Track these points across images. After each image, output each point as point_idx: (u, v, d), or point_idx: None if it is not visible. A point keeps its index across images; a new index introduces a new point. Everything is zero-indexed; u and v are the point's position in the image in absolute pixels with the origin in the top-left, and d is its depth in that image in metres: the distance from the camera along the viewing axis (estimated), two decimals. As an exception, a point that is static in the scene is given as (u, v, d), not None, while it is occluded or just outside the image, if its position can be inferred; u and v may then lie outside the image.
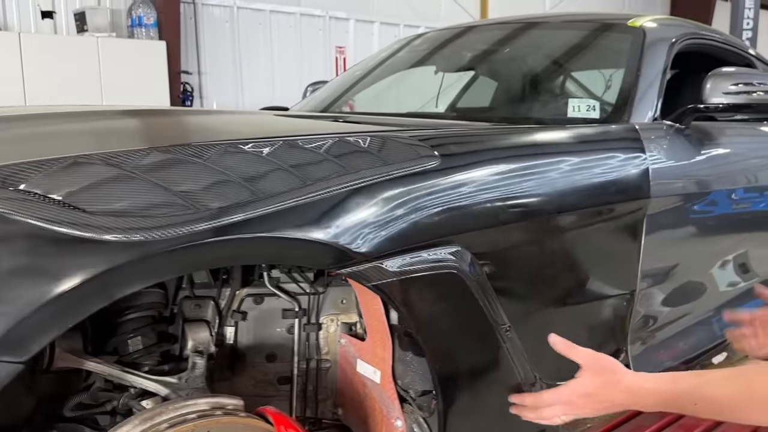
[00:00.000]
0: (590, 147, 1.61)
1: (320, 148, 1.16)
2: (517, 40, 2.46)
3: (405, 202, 1.17)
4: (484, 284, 1.31)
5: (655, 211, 1.68)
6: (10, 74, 4.56)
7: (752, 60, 2.72)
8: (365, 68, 2.90)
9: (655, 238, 1.70)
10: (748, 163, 2.07)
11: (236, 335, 1.51)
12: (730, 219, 1.98)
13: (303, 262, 1.15)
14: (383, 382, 1.44)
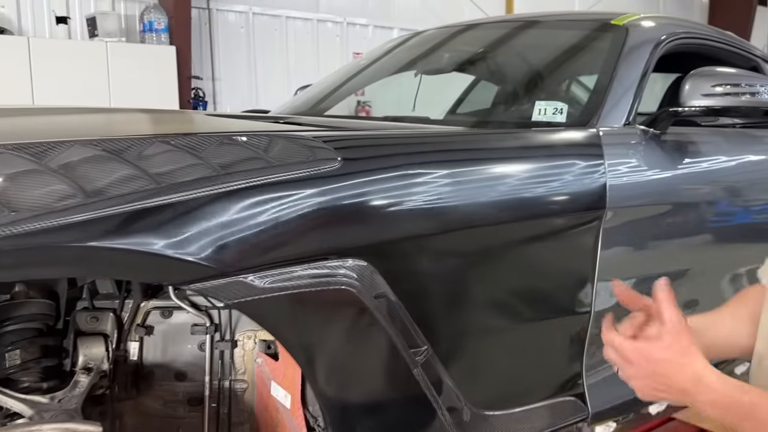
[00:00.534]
0: (533, 153, 1.45)
1: (192, 147, 1.05)
2: (494, 41, 2.31)
3: (287, 209, 1.05)
4: (391, 303, 1.17)
5: (613, 224, 1.51)
6: (19, 79, 4.61)
7: (759, 62, 2.50)
8: (353, 69, 2.81)
9: (613, 252, 1.53)
10: (726, 173, 1.87)
11: (141, 351, 1.41)
12: (700, 233, 1.78)
13: (134, 277, 1.03)
14: (293, 408, 1.31)
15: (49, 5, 5.30)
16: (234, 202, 0.99)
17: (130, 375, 1.40)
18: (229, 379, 1.44)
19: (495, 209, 1.30)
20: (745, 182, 1.92)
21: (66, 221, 0.83)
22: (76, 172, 0.92)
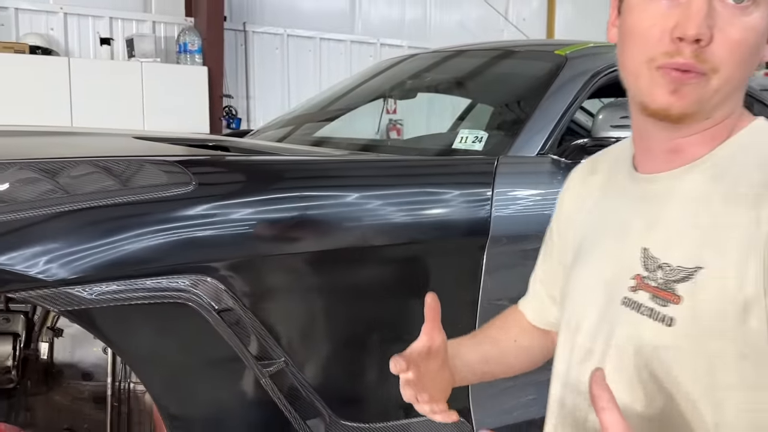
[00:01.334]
0: (411, 180, 1.52)
1: (58, 172, 1.19)
2: (445, 68, 2.39)
3: (129, 227, 1.17)
4: (239, 318, 1.27)
5: (496, 250, 1.56)
6: (60, 97, 4.99)
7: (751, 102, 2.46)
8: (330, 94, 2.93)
9: (497, 276, 1.57)
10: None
11: (51, 351, 1.55)
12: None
13: None
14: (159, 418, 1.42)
15: (95, 27, 5.71)
16: (72, 220, 1.12)
17: (41, 373, 1.55)
18: (129, 381, 1.56)
19: (365, 231, 1.38)
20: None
21: None
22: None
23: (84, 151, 1.45)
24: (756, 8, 0.70)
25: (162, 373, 1.21)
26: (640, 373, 0.77)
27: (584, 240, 0.90)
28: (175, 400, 1.23)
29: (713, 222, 0.73)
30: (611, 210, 0.86)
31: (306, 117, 2.69)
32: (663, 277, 0.75)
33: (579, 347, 0.85)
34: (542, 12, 8.67)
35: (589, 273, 0.86)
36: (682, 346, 0.73)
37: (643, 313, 0.76)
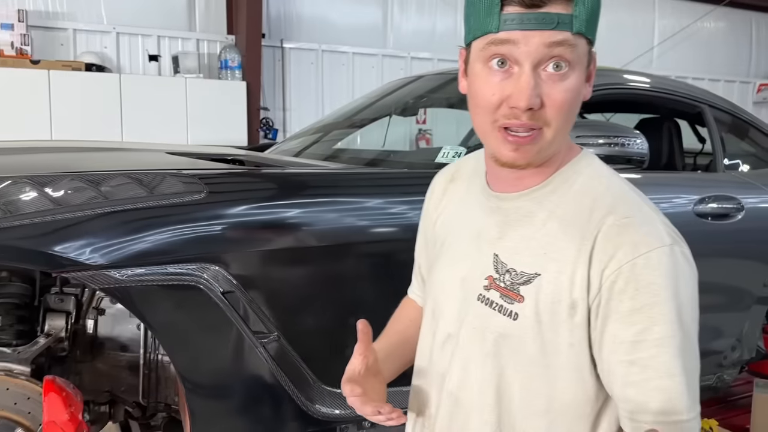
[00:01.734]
0: (386, 187, 1.82)
1: (100, 182, 1.53)
2: (439, 89, 2.67)
3: (152, 226, 1.51)
4: (240, 299, 1.59)
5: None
6: (111, 112, 5.46)
7: (704, 108, 2.67)
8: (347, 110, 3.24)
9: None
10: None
11: (96, 327, 1.91)
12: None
13: (33, 267, 1.50)
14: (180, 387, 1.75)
15: (144, 45, 6.19)
16: (109, 220, 1.46)
17: (87, 344, 1.90)
18: (157, 353, 1.90)
19: (334, 230, 1.69)
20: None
21: None
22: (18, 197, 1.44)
23: (122, 165, 1.79)
24: (572, 71, 0.91)
25: (177, 341, 1.54)
26: (491, 356, 0.99)
27: (445, 240, 1.11)
28: (188, 364, 1.56)
29: (550, 237, 0.95)
30: (469, 218, 1.07)
31: (323, 131, 3.01)
32: (510, 279, 0.96)
33: (441, 332, 1.07)
34: (573, 23, 8.83)
35: (449, 270, 1.07)
36: (523, 336, 0.95)
37: (494, 308, 0.98)
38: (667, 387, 0.88)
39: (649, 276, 0.88)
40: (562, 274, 0.93)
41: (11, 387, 1.51)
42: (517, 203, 1.00)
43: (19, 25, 5.44)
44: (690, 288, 0.92)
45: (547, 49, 0.88)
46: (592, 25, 0.92)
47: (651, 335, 0.88)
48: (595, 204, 0.95)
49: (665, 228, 0.94)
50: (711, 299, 2.44)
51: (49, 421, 1.47)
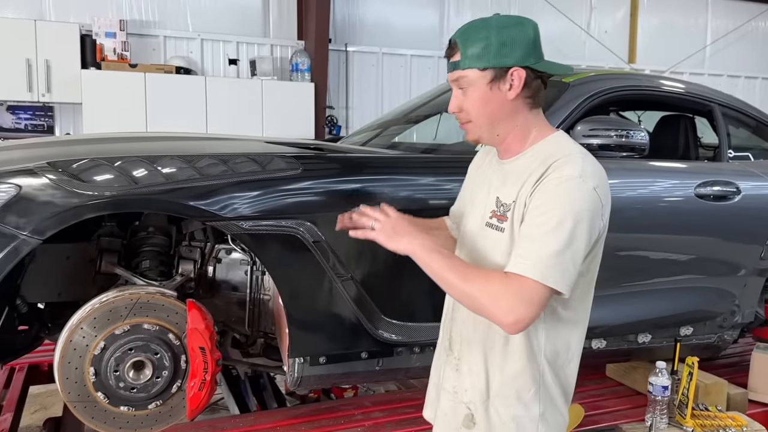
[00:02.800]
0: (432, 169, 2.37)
1: (228, 161, 2.14)
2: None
3: (265, 191, 2.10)
4: (325, 247, 2.16)
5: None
6: (197, 109, 6.20)
7: (713, 106, 3.09)
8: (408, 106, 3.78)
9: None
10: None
11: (215, 272, 2.52)
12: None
13: (192, 216, 2.12)
14: (278, 312, 2.35)
15: (225, 50, 6.92)
16: (238, 186, 2.06)
17: (208, 285, 2.52)
18: (261, 293, 2.50)
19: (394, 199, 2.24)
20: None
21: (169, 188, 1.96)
22: (176, 169, 2.05)
23: (237, 149, 2.40)
24: (470, 90, 1.47)
25: (281, 275, 2.13)
26: (486, 257, 1.54)
27: (475, 194, 1.68)
28: (289, 293, 2.15)
29: (522, 181, 1.47)
30: (487, 176, 1.64)
31: (384, 126, 3.57)
32: (502, 209, 1.51)
33: (466, 250, 1.63)
34: (625, 24, 9.11)
35: (473, 207, 1.64)
36: (501, 243, 1.49)
37: (492, 227, 1.53)
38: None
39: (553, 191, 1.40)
40: (520, 199, 1.47)
41: (165, 304, 2.13)
42: (511, 165, 1.56)
43: (120, 34, 6.25)
44: (581, 206, 1.38)
45: (453, 81, 1.52)
46: (481, 59, 1.45)
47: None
48: (550, 157, 1.47)
49: (582, 168, 1.43)
50: (711, 269, 2.87)
51: (192, 328, 2.08)
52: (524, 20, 1.52)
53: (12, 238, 1.84)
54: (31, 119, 6.36)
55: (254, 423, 2.54)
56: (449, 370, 1.66)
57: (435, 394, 1.73)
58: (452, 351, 1.65)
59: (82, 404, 2.07)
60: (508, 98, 1.48)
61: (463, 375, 1.61)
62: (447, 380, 1.66)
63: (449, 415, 1.64)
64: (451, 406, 1.63)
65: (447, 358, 1.67)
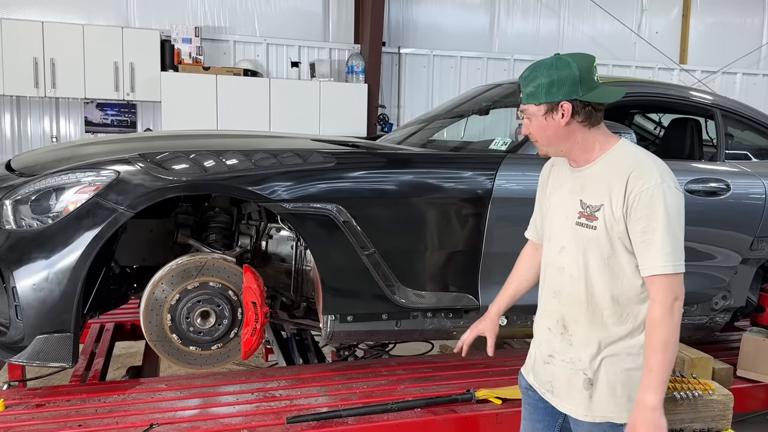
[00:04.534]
0: (445, 164, 2.83)
1: (277, 155, 2.68)
2: (512, 95, 3.61)
3: (305, 180, 2.62)
4: (352, 225, 2.66)
5: (496, 204, 2.82)
6: (262, 109, 6.84)
7: (715, 111, 3.43)
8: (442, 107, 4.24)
9: (496, 219, 2.82)
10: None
11: (267, 246, 3.06)
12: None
13: (248, 198, 2.66)
14: (316, 279, 2.87)
15: (287, 54, 7.54)
16: (284, 176, 2.59)
17: (261, 257, 3.07)
18: (304, 264, 3.03)
19: (410, 188, 2.72)
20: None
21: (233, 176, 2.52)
22: (237, 161, 2.61)
23: (285, 145, 2.94)
24: (532, 120, 1.85)
25: (318, 249, 2.65)
26: (584, 251, 1.84)
27: (551, 197, 2.01)
28: (323, 263, 2.66)
29: (605, 186, 1.81)
30: (563, 184, 1.93)
31: (420, 125, 4.04)
32: (589, 210, 1.85)
33: (554, 246, 1.97)
34: (676, 25, 9.21)
35: (556, 212, 1.93)
36: (597, 239, 1.83)
37: (583, 225, 1.86)
38: None
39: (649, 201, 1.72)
40: (613, 203, 1.78)
41: (226, 267, 2.69)
42: (586, 171, 1.88)
43: (195, 39, 6.95)
44: (672, 203, 1.72)
45: (522, 112, 1.89)
46: (535, 97, 1.81)
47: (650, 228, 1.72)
48: (625, 165, 1.79)
49: (659, 174, 1.74)
50: (703, 257, 3.22)
51: (247, 286, 2.63)
52: (573, 60, 1.82)
53: (112, 211, 2.43)
54: (117, 115, 7.17)
55: (298, 373, 3.07)
56: (563, 345, 1.94)
57: (540, 365, 2.03)
58: (566, 329, 1.93)
59: (161, 343, 2.66)
60: (561, 125, 1.82)
61: (576, 347, 1.90)
62: (560, 354, 1.95)
63: (570, 381, 1.92)
64: (570, 375, 1.91)
65: (561, 336, 1.95)
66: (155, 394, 2.65)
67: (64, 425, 2.35)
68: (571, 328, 1.92)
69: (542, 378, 2.02)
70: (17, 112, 7.00)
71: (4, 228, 2.48)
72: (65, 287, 2.37)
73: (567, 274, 1.92)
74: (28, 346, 2.42)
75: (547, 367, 2.00)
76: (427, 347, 4.44)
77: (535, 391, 2.07)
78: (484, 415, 2.58)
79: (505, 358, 3.32)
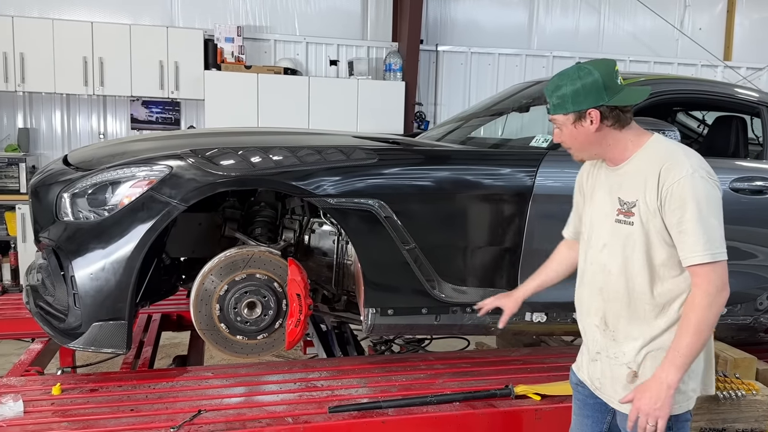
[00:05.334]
0: (486, 161, 2.86)
1: (321, 151, 2.74)
2: (538, 93, 3.62)
3: (349, 176, 2.68)
4: (393, 220, 2.71)
5: (537, 201, 2.83)
6: (301, 106, 6.95)
7: (761, 108, 3.38)
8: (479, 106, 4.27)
9: (537, 215, 2.84)
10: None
11: (309, 241, 3.14)
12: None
13: (293, 193, 2.72)
14: (357, 273, 2.93)
15: (326, 52, 7.63)
16: (328, 171, 2.66)
17: (304, 250, 3.14)
18: (345, 258, 3.09)
19: (451, 185, 2.76)
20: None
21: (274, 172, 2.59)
22: (282, 157, 2.68)
23: (332, 142, 3.00)
24: (562, 129, 1.90)
25: (360, 243, 2.71)
26: (623, 247, 1.87)
27: (591, 198, 2.04)
28: (366, 257, 2.72)
29: (640, 182, 1.83)
30: (601, 184, 1.97)
31: (459, 122, 4.07)
32: (626, 207, 1.87)
33: (595, 244, 1.99)
34: (721, 21, 9.01)
35: (596, 212, 1.98)
36: (635, 234, 1.86)
37: (622, 222, 1.89)
38: None
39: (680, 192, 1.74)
40: (648, 198, 1.82)
41: (272, 260, 2.77)
42: (622, 170, 1.91)
43: (237, 39, 7.09)
44: (703, 192, 1.73)
45: (552, 122, 1.94)
46: (563, 107, 1.87)
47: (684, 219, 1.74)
48: (657, 159, 1.82)
49: (690, 165, 1.76)
50: (747, 256, 3.18)
51: (291, 278, 2.71)
52: (595, 68, 1.84)
53: (166, 204, 2.53)
54: (162, 113, 7.37)
55: (339, 364, 3.15)
56: (607, 342, 1.97)
57: (588, 361, 2.07)
58: (608, 326, 1.96)
59: (209, 332, 2.76)
60: (592, 131, 1.87)
61: (620, 343, 1.93)
62: (605, 350, 1.98)
63: (615, 376, 1.95)
64: (616, 370, 1.95)
65: (603, 333, 1.98)
66: (202, 382, 2.75)
67: (117, 409, 2.46)
68: (614, 324, 1.95)
69: (591, 374, 2.05)
70: (67, 109, 7.25)
71: (63, 220, 2.60)
72: (121, 277, 2.48)
73: (608, 271, 1.95)
74: (85, 333, 2.54)
75: (594, 364, 2.03)
76: (461, 344, 4.49)
77: (585, 387, 2.10)
78: (524, 411, 2.60)
79: (544, 355, 3.34)
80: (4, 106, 7.06)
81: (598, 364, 2.01)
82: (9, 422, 2.30)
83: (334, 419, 2.43)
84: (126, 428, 2.30)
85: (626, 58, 8.44)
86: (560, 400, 2.66)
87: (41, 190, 2.74)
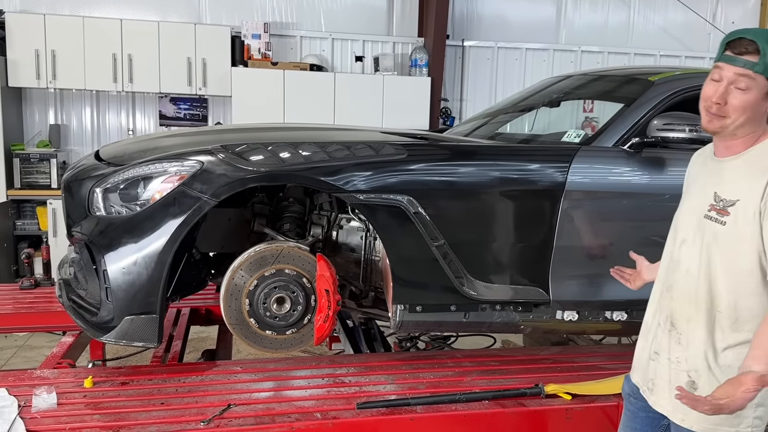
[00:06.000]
0: (516, 157, 2.83)
1: (350, 147, 2.73)
2: (571, 87, 3.56)
3: (378, 171, 2.67)
4: (423, 216, 2.69)
5: (569, 197, 2.79)
6: (327, 101, 6.95)
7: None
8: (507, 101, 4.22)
9: (569, 212, 2.80)
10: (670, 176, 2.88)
11: (337, 236, 3.13)
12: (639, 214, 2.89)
13: (322, 189, 2.71)
14: (385, 269, 2.92)
15: (352, 48, 7.62)
16: (357, 167, 2.64)
17: (332, 246, 3.14)
18: (372, 255, 3.08)
19: (480, 180, 2.73)
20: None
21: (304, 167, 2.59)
22: (312, 153, 2.68)
23: (358, 137, 2.99)
24: (748, 92, 1.62)
25: (388, 239, 2.69)
26: (708, 247, 1.73)
27: (690, 188, 1.89)
28: (394, 253, 2.70)
29: (746, 180, 1.64)
30: (704, 174, 1.82)
31: (487, 118, 4.03)
32: (722, 204, 1.72)
33: (680, 238, 1.82)
34: (754, 14, 8.80)
35: (687, 203, 1.85)
36: (725, 236, 1.71)
37: (712, 219, 1.70)
38: None
39: None
40: (752, 199, 1.65)
41: (301, 255, 2.77)
42: (730, 163, 1.75)
43: (264, 35, 7.11)
44: None
45: (735, 76, 1.65)
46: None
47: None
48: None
49: None
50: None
51: (320, 274, 2.70)
52: None
53: (197, 199, 2.54)
54: (189, 109, 7.43)
55: (366, 360, 3.14)
56: (671, 343, 1.85)
57: (645, 362, 1.96)
58: (675, 327, 1.84)
59: (239, 327, 2.77)
60: (763, 110, 1.69)
61: (685, 347, 1.81)
62: (666, 351, 1.87)
63: (672, 381, 1.82)
64: (674, 374, 1.84)
65: (669, 333, 1.86)
66: (231, 376, 2.76)
67: (147, 402, 2.48)
68: (681, 326, 1.83)
69: (646, 374, 1.95)
70: (97, 105, 7.35)
71: (95, 214, 2.63)
72: (152, 271, 2.50)
73: (683, 269, 1.83)
74: (117, 326, 2.56)
75: (651, 363, 1.93)
76: (487, 341, 4.45)
77: (637, 399, 2.00)
78: (554, 410, 2.57)
79: (574, 354, 3.30)
80: (36, 102, 7.18)
81: (655, 365, 1.91)
82: (43, 414, 2.34)
83: (362, 415, 2.42)
84: (156, 421, 2.32)
85: (656, 52, 8.30)
86: (591, 400, 2.62)
87: (74, 185, 2.77)
